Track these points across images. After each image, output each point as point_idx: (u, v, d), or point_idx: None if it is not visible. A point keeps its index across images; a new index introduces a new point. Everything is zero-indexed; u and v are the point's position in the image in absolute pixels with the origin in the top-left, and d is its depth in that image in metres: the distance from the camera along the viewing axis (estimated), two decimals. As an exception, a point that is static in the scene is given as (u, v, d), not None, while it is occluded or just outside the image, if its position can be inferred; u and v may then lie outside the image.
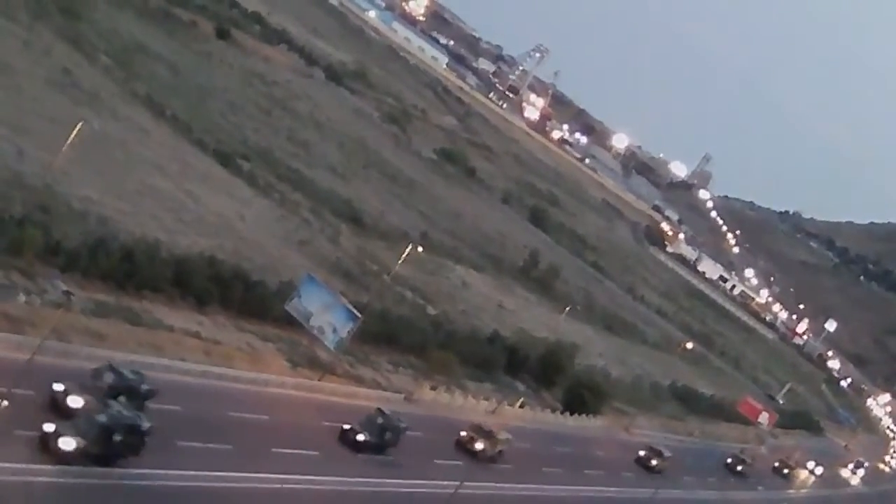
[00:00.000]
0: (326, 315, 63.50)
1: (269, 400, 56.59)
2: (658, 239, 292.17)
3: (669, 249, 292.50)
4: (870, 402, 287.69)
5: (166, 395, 48.69)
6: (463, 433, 68.09)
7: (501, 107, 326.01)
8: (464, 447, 67.40)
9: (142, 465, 42.29)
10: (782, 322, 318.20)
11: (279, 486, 48.13)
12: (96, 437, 40.47)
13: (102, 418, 40.95)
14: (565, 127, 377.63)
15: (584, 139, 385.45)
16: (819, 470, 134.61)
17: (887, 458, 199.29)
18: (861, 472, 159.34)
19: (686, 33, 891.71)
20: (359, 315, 64.29)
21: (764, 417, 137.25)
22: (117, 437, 41.08)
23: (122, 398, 43.64)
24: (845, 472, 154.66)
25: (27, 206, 60.20)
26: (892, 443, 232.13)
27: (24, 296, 51.40)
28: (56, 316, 46.96)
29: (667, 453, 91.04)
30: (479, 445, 67.24)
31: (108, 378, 45.25)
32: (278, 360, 63.29)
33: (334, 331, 63.37)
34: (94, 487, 40.33)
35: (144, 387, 46.18)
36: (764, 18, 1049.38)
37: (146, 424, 42.37)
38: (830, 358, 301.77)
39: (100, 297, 55.51)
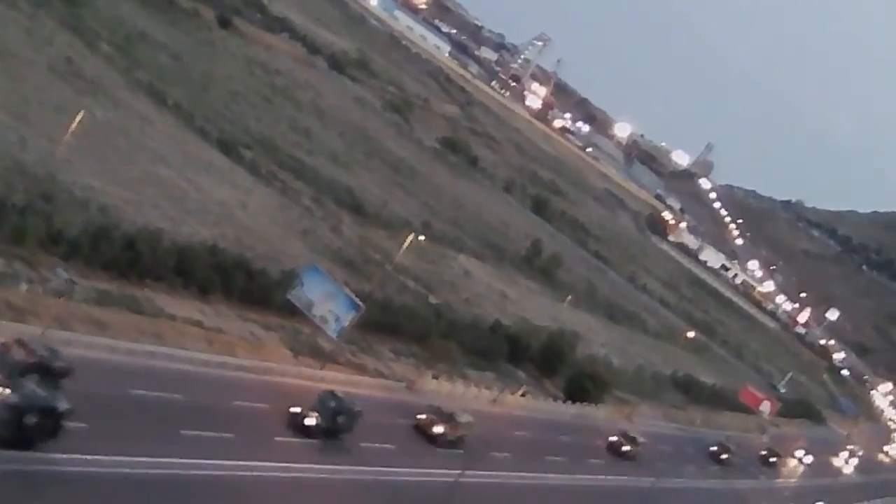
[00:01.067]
0: (329, 304, 63.43)
1: (270, 389, 56.66)
2: (660, 228, 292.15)
3: (671, 238, 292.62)
4: (872, 391, 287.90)
5: (169, 383, 48.88)
6: (421, 416, 63.49)
7: (504, 95, 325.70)
8: (422, 431, 63.15)
9: (152, 454, 42.25)
10: (784, 311, 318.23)
11: (281, 473, 48.29)
12: (6, 420, 36.83)
13: (12, 398, 37.28)
14: (567, 116, 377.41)
15: (586, 128, 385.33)
16: (808, 459, 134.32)
17: (887, 447, 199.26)
18: (854, 461, 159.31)
19: (688, 22, 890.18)
20: (361, 304, 64.31)
21: (765, 406, 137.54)
22: (30, 420, 37.18)
23: (34, 376, 39.46)
24: (838, 462, 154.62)
25: (29, 194, 60.13)
26: (894, 434, 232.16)
27: (26, 284, 51.36)
28: (58, 305, 47.13)
29: (640, 439, 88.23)
30: (437, 429, 62.82)
31: (17, 354, 41.24)
32: (280, 348, 63.33)
33: (336, 320, 63.32)
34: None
35: (59, 364, 41.84)
36: (766, 7, 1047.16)
37: (64, 405, 38.33)
38: (835, 350, 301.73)
39: (102, 286, 55.43)
